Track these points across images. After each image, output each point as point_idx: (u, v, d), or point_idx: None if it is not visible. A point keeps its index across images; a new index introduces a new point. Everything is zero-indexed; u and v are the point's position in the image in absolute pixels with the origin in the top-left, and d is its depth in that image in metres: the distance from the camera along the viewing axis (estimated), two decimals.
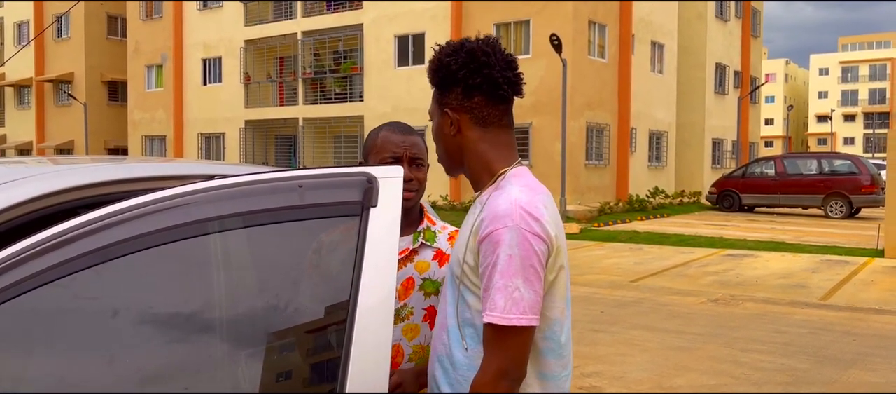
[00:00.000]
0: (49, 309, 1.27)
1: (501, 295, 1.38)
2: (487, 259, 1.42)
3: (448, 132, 1.58)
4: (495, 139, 1.57)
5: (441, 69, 1.56)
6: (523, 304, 1.38)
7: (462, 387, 1.50)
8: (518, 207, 1.43)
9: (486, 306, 1.40)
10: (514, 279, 1.39)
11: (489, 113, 1.56)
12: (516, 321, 1.38)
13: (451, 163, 1.63)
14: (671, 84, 25.50)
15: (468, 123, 1.56)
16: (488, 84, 1.54)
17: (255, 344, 1.38)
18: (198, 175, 1.70)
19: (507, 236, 1.40)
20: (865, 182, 18.82)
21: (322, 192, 1.46)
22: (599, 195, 21.28)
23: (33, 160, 1.96)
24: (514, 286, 1.38)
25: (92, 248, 1.29)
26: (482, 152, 1.56)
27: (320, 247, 1.47)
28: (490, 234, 1.42)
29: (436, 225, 1.93)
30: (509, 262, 1.39)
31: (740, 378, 5.51)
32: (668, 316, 7.70)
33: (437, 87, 1.59)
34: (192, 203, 1.37)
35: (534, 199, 1.46)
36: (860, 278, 10.16)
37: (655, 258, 11.98)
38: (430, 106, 1.65)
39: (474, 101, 1.55)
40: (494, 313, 1.38)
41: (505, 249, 1.40)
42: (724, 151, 28.65)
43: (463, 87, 1.55)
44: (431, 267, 1.85)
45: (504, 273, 1.39)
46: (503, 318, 1.38)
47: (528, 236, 1.41)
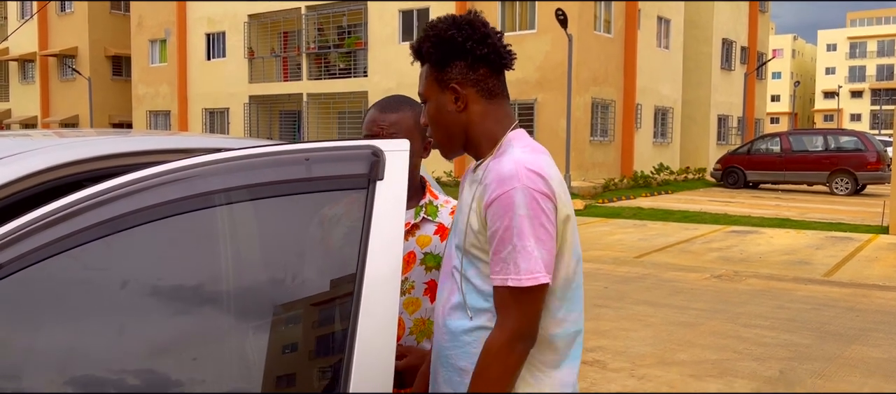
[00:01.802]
0: (58, 280, 1.28)
1: (516, 256, 1.38)
2: (498, 223, 1.41)
3: (452, 109, 1.54)
4: (499, 111, 1.56)
5: (444, 43, 1.52)
6: (538, 263, 1.38)
7: (468, 355, 1.50)
8: (523, 167, 1.42)
9: (500, 269, 1.40)
10: (527, 240, 1.38)
11: (494, 84, 1.55)
12: (531, 281, 1.38)
13: (453, 144, 1.58)
14: (677, 60, 25.32)
15: (475, 97, 1.53)
16: (494, 53, 1.52)
17: (262, 316, 1.39)
18: (203, 148, 1.70)
19: (516, 198, 1.40)
20: (871, 159, 18.73)
21: (328, 164, 1.46)
22: (604, 172, 21.23)
23: (39, 133, 1.96)
24: (528, 247, 1.38)
25: (100, 220, 1.29)
26: (488, 126, 1.54)
27: (327, 220, 1.48)
28: (498, 197, 1.41)
29: (438, 199, 1.93)
30: (521, 223, 1.39)
31: (743, 353, 5.54)
32: (671, 292, 7.72)
33: (435, 64, 1.54)
34: (199, 175, 1.37)
35: (537, 158, 1.46)
36: (864, 255, 10.15)
37: (659, 235, 11.99)
38: (424, 87, 1.58)
39: (480, 72, 1.53)
40: (510, 274, 1.38)
41: (515, 211, 1.39)
42: (729, 127, 28.51)
43: (470, 59, 1.51)
44: (433, 241, 1.85)
45: (518, 234, 1.38)
46: (518, 279, 1.38)
47: (537, 195, 1.41)
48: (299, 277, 1.43)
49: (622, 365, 5.21)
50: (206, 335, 1.37)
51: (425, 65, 1.57)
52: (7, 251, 1.23)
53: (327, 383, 1.37)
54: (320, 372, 1.40)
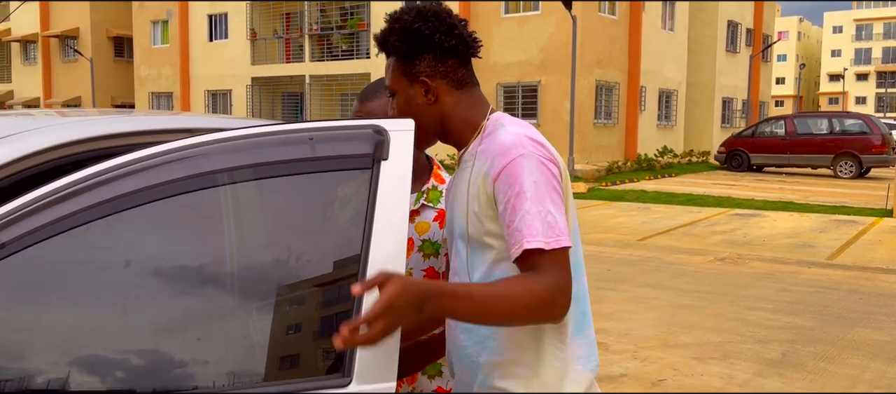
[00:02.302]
0: (61, 260, 1.28)
1: (538, 220, 1.34)
2: (510, 191, 1.37)
3: (423, 102, 1.51)
4: (471, 98, 1.54)
5: (411, 37, 1.48)
6: (558, 226, 1.35)
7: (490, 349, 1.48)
8: (523, 136, 1.42)
9: (519, 237, 1.34)
10: (544, 204, 1.35)
11: (463, 73, 1.53)
12: (557, 243, 1.33)
13: (427, 135, 1.55)
14: (682, 42, 25.16)
15: (445, 89, 1.51)
16: (462, 44, 1.51)
17: (266, 296, 1.39)
18: (207, 129, 1.69)
19: (525, 164, 1.37)
20: (876, 142, 18.65)
21: (333, 144, 1.45)
22: (608, 155, 21.18)
23: (41, 113, 1.95)
24: (546, 210, 1.35)
25: (103, 199, 1.29)
26: (463, 113, 1.53)
27: (331, 199, 1.46)
28: (505, 166, 1.39)
29: (444, 184, 1.90)
30: (535, 188, 1.36)
31: (746, 336, 5.55)
32: (675, 275, 7.72)
33: (403, 57, 1.50)
34: (203, 155, 1.36)
35: (531, 130, 1.46)
36: (868, 238, 10.14)
37: (663, 217, 11.97)
38: (392, 81, 1.54)
39: (449, 64, 1.50)
40: (536, 237, 1.32)
41: (527, 176, 1.36)
42: (734, 110, 28.39)
43: (438, 51, 1.49)
44: (432, 228, 1.83)
45: (534, 199, 1.35)
46: (546, 242, 1.33)
47: (544, 161, 1.39)
48: (303, 257, 1.42)
49: (625, 347, 5.22)
50: (211, 315, 1.37)
51: (391, 57, 1.54)
52: (9, 231, 1.22)
53: (331, 364, 1.36)
54: (324, 353, 1.39)
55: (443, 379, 1.91)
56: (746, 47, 28.81)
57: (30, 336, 1.25)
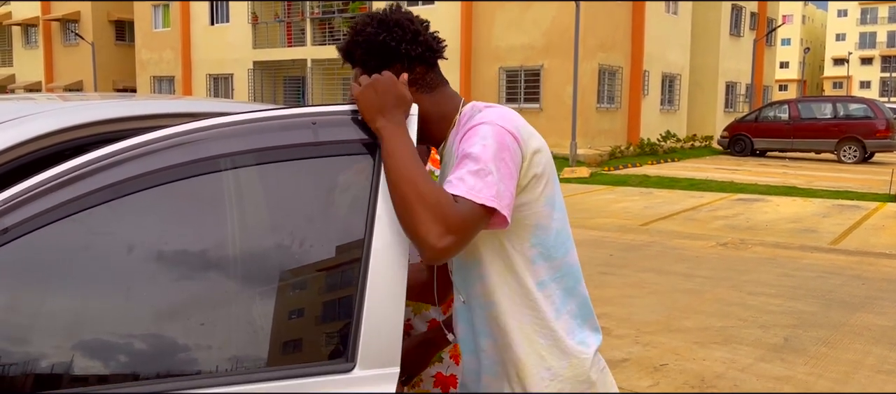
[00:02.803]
0: (63, 245, 1.27)
1: (473, 176, 1.32)
2: (463, 146, 1.38)
3: None
4: (442, 97, 1.54)
5: (376, 49, 1.47)
6: (490, 187, 1.33)
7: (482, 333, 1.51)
8: (495, 114, 1.43)
9: (452, 184, 1.33)
10: (487, 164, 1.34)
11: (431, 78, 1.52)
12: (476, 197, 1.31)
13: None
14: (685, 26, 25.03)
15: (416, 96, 1.49)
16: (428, 51, 1.50)
17: (269, 282, 1.38)
18: (209, 113, 1.68)
19: (480, 130, 1.38)
20: (880, 127, 18.59)
21: (336, 129, 1.44)
22: (610, 139, 21.14)
23: (43, 97, 1.94)
24: (487, 170, 1.34)
25: (105, 184, 1.28)
26: (437, 113, 1.52)
27: (334, 185, 1.46)
28: (465, 134, 1.40)
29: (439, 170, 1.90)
30: (484, 149, 1.35)
31: (748, 321, 5.56)
32: (677, 259, 7.72)
33: (373, 70, 1.48)
34: (205, 139, 1.36)
35: (505, 111, 1.46)
36: (871, 223, 10.13)
37: (665, 202, 11.96)
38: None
39: (417, 71, 1.50)
40: (460, 187, 1.32)
41: (479, 140, 1.37)
42: (737, 94, 28.29)
43: (405, 61, 1.48)
44: None
45: (478, 159, 1.34)
46: (472, 193, 1.31)
47: (502, 132, 1.39)
48: (306, 242, 1.42)
49: (627, 332, 5.23)
50: (213, 301, 1.36)
51: (357, 68, 1.53)
52: (11, 215, 1.22)
53: (335, 349, 1.36)
54: (327, 338, 1.39)
55: (443, 365, 1.91)
56: (750, 31, 28.66)
57: (32, 321, 1.25)
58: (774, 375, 4.49)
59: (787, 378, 4.43)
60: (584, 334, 1.52)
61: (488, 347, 1.51)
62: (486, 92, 20.32)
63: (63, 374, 1.22)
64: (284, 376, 1.29)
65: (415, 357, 1.76)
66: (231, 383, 1.27)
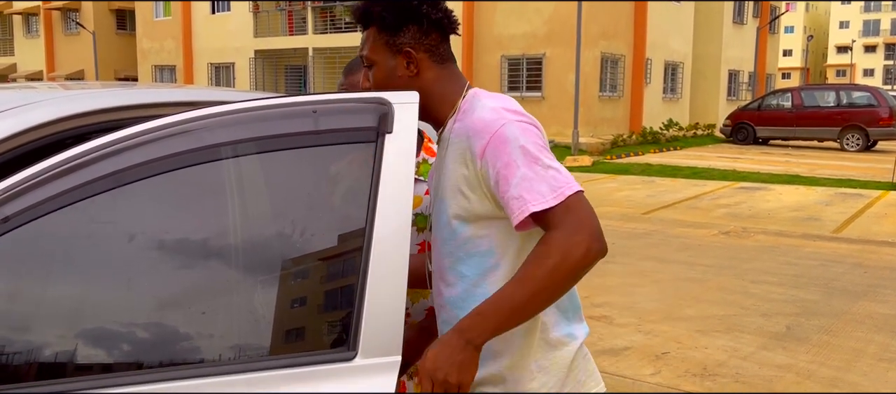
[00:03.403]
0: (64, 233, 1.27)
1: (538, 182, 1.31)
2: (498, 162, 1.34)
3: (404, 75, 1.48)
4: (451, 74, 1.52)
5: (397, 6, 1.46)
6: (561, 177, 1.31)
7: None
8: (501, 109, 1.41)
9: (527, 201, 1.30)
10: (539, 163, 1.33)
11: (444, 49, 1.51)
12: (562, 195, 1.29)
13: None
14: (688, 13, 24.92)
15: (428, 63, 1.49)
16: (446, 18, 1.49)
17: (270, 270, 1.38)
18: (210, 102, 1.67)
19: (509, 132, 1.36)
20: (883, 114, 18.52)
21: (337, 117, 1.43)
22: (612, 127, 21.10)
23: (44, 86, 1.94)
24: (544, 167, 1.32)
25: (106, 172, 1.28)
26: (441, 90, 1.50)
27: (335, 173, 1.46)
28: (490, 140, 1.36)
29: (435, 157, 1.87)
30: (524, 152, 1.33)
31: (750, 309, 5.56)
32: (679, 248, 7.72)
33: (387, 28, 1.48)
34: (206, 128, 1.35)
35: (509, 102, 1.44)
36: (873, 212, 10.11)
37: (668, 191, 11.95)
38: (371, 50, 1.51)
39: (432, 37, 1.49)
40: (540, 198, 1.30)
41: (513, 144, 1.34)
42: (740, 82, 28.19)
43: (424, 23, 1.47)
44: (424, 202, 1.83)
45: (527, 164, 1.32)
46: (556, 195, 1.29)
47: (527, 126, 1.38)
48: (308, 230, 1.42)
49: (629, 320, 5.24)
50: (215, 289, 1.36)
51: (371, 28, 1.51)
52: (13, 204, 1.22)
53: (337, 337, 1.36)
54: (329, 326, 1.39)
55: None
56: (753, 19, 28.52)
57: (34, 309, 1.26)
58: (776, 363, 4.49)
59: (788, 366, 4.43)
60: (571, 327, 1.52)
61: None
62: (489, 80, 20.27)
63: (65, 362, 1.23)
64: (287, 365, 1.29)
65: (416, 346, 1.76)
66: (233, 372, 1.27)
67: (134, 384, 1.22)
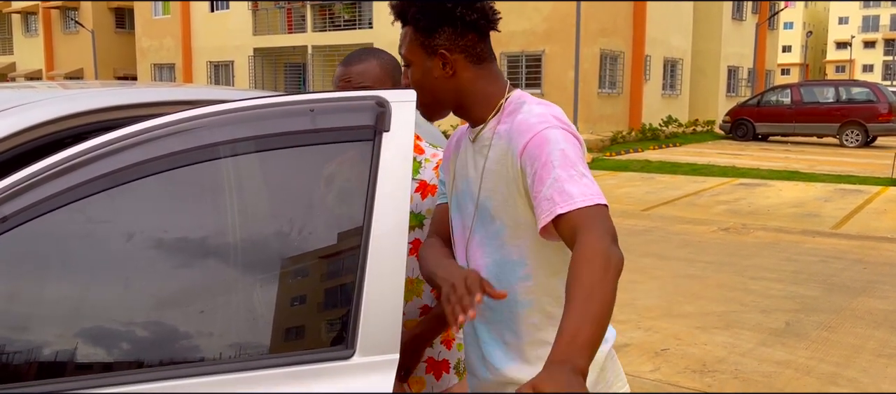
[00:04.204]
0: (62, 233, 1.27)
1: (570, 184, 1.28)
2: (536, 162, 1.33)
3: (440, 76, 1.48)
4: (489, 74, 1.51)
5: (432, 9, 1.45)
6: (593, 187, 1.30)
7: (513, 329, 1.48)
8: (549, 115, 1.40)
9: (556, 202, 1.28)
10: (573, 169, 1.31)
11: (482, 49, 1.50)
12: (592, 200, 1.27)
13: (441, 108, 1.52)
14: (687, 10, 24.91)
15: (463, 64, 1.47)
16: (483, 18, 1.47)
17: (268, 269, 1.39)
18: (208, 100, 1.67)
19: (551, 135, 1.34)
20: (883, 110, 18.53)
21: (334, 116, 1.43)
22: (612, 124, 21.09)
23: (43, 85, 1.94)
24: (579, 173, 1.30)
25: (104, 171, 1.28)
26: (481, 89, 1.49)
27: (333, 171, 1.46)
28: (531, 139, 1.35)
29: (423, 154, 1.87)
30: (563, 155, 1.31)
31: (749, 306, 5.57)
32: (679, 245, 7.73)
33: (422, 29, 1.47)
34: (203, 127, 1.35)
35: (556, 109, 1.44)
36: (873, 207, 10.11)
37: (667, 187, 11.95)
38: (408, 50, 1.51)
39: (468, 38, 1.47)
40: (570, 200, 1.27)
41: (554, 146, 1.33)
42: (739, 79, 28.18)
43: (459, 25, 1.45)
44: (414, 200, 1.81)
45: (563, 166, 1.30)
46: (585, 199, 1.27)
47: (571, 136, 1.37)
48: (305, 229, 1.42)
49: (629, 317, 5.24)
50: (213, 288, 1.37)
51: (408, 27, 1.51)
52: (12, 204, 1.22)
53: (335, 336, 1.37)
54: (327, 325, 1.40)
55: (433, 350, 1.91)
56: (752, 15, 28.51)
57: (33, 309, 1.26)
58: (776, 359, 4.50)
59: (788, 363, 4.44)
60: None
61: (512, 341, 1.50)
62: None
63: (64, 362, 1.23)
64: (284, 363, 1.29)
65: (411, 349, 1.76)
66: (231, 371, 1.27)
67: (133, 383, 1.23)
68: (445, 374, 1.88)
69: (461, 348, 1.91)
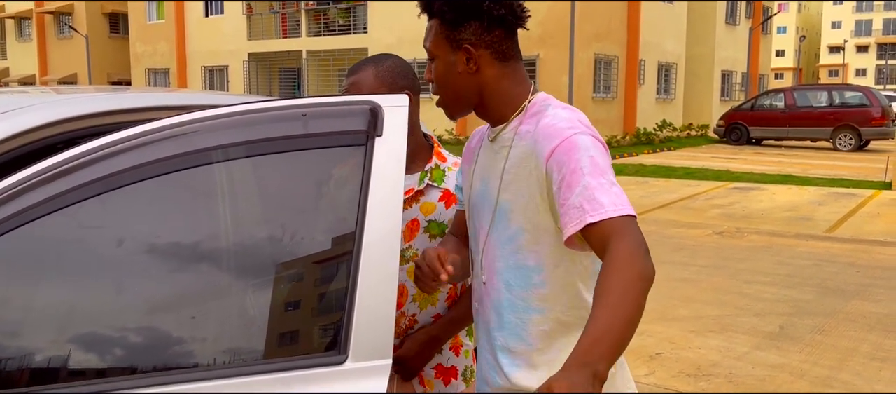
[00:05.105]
0: (55, 238, 1.27)
1: (600, 193, 1.25)
2: (565, 168, 1.29)
3: (464, 71, 1.44)
4: (515, 73, 1.47)
5: (458, 2, 1.41)
6: (622, 197, 1.27)
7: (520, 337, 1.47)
8: (575, 120, 1.37)
9: (586, 211, 1.25)
10: (603, 177, 1.27)
11: (508, 46, 1.45)
12: (622, 211, 1.24)
13: (462, 105, 1.48)
14: (681, 14, 25.00)
15: (489, 60, 1.44)
16: (511, 14, 1.43)
17: (260, 274, 1.38)
18: (202, 105, 1.67)
19: (580, 141, 1.31)
20: (876, 114, 18.61)
21: (326, 120, 1.43)
22: (606, 128, 21.14)
23: (36, 90, 1.94)
24: (609, 182, 1.27)
25: (96, 176, 1.28)
26: (505, 88, 1.46)
27: (325, 176, 1.45)
28: (559, 145, 1.32)
29: (446, 162, 1.84)
30: (592, 163, 1.28)
31: (744, 309, 5.58)
32: (673, 248, 7.74)
33: (448, 22, 1.43)
34: (195, 131, 1.35)
35: (581, 114, 1.42)
36: (866, 211, 10.15)
37: (662, 191, 11.98)
38: (432, 44, 1.47)
39: (495, 34, 1.43)
40: (601, 209, 1.24)
41: (583, 153, 1.29)
42: (733, 83, 28.29)
43: (486, 20, 1.42)
44: (437, 208, 1.79)
45: (593, 174, 1.27)
46: (617, 209, 1.24)
47: (599, 144, 1.34)
48: (298, 234, 1.42)
49: None
50: (205, 293, 1.36)
51: (434, 19, 1.47)
52: (3, 209, 1.22)
53: (326, 341, 1.36)
54: (320, 330, 1.39)
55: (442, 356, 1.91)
56: (746, 19, 28.63)
57: (24, 315, 1.25)
58: (770, 363, 4.51)
59: (782, 366, 4.45)
60: None
61: (522, 348, 1.48)
62: None
63: (56, 367, 1.22)
64: (277, 369, 1.29)
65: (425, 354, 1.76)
66: (223, 377, 1.27)
67: (127, 389, 1.22)
68: (454, 380, 1.88)
69: (468, 355, 1.91)
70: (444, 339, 1.80)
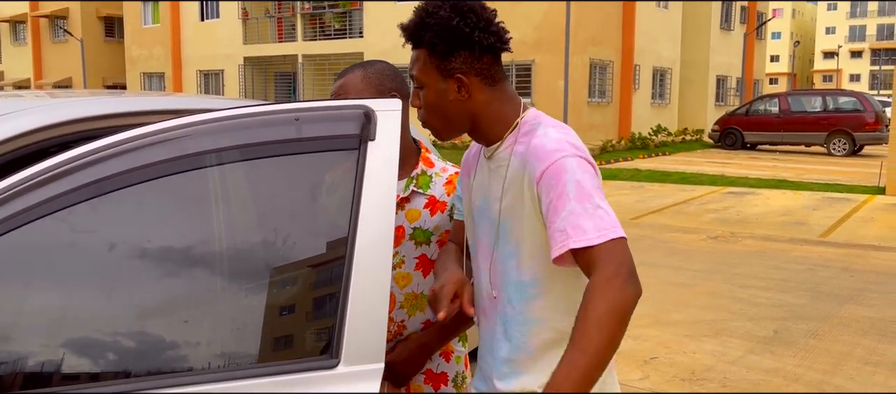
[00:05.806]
0: (46, 242, 1.27)
1: (584, 218, 1.28)
2: (552, 192, 1.33)
3: (455, 98, 1.47)
4: (503, 94, 1.51)
5: (448, 34, 1.43)
6: (608, 219, 1.30)
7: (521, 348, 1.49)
8: (565, 141, 1.40)
9: (569, 235, 1.28)
10: (590, 201, 1.30)
11: (496, 70, 1.50)
12: (606, 236, 1.27)
13: (454, 130, 1.51)
14: (676, 19, 25.07)
15: (479, 86, 1.47)
16: (498, 41, 1.47)
17: (253, 278, 1.39)
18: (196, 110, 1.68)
19: (567, 165, 1.34)
20: (869, 119, 18.68)
21: (319, 125, 1.44)
22: (601, 133, 21.17)
23: (30, 94, 1.94)
24: (594, 206, 1.30)
25: (89, 180, 1.28)
26: (496, 110, 1.49)
27: (318, 180, 1.46)
28: (548, 168, 1.35)
29: (433, 167, 1.84)
30: (578, 187, 1.31)
31: (738, 313, 5.59)
32: (668, 253, 7.76)
33: (438, 53, 1.46)
34: (188, 136, 1.36)
35: (571, 134, 1.44)
36: (860, 216, 10.19)
37: (656, 196, 12.01)
38: (421, 72, 1.49)
39: (484, 61, 1.47)
40: (584, 235, 1.27)
41: (570, 176, 1.33)
42: (728, 88, 28.37)
43: (476, 49, 1.45)
44: (422, 215, 1.79)
45: (578, 199, 1.30)
46: (598, 236, 1.27)
47: (586, 164, 1.37)
48: (291, 238, 1.42)
49: None
50: (197, 298, 1.36)
51: (422, 49, 1.49)
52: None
53: (319, 346, 1.37)
54: (312, 334, 1.40)
55: (433, 363, 1.91)
56: (741, 25, 28.73)
57: (17, 318, 1.25)
58: (764, 367, 4.52)
59: (776, 370, 4.46)
60: None
61: (523, 357, 1.49)
62: None
63: (49, 372, 1.22)
64: (270, 373, 1.29)
65: (417, 356, 1.76)
66: (216, 381, 1.27)
67: (120, 393, 1.22)
68: (444, 386, 1.87)
69: (459, 361, 1.91)
70: (435, 347, 1.80)
